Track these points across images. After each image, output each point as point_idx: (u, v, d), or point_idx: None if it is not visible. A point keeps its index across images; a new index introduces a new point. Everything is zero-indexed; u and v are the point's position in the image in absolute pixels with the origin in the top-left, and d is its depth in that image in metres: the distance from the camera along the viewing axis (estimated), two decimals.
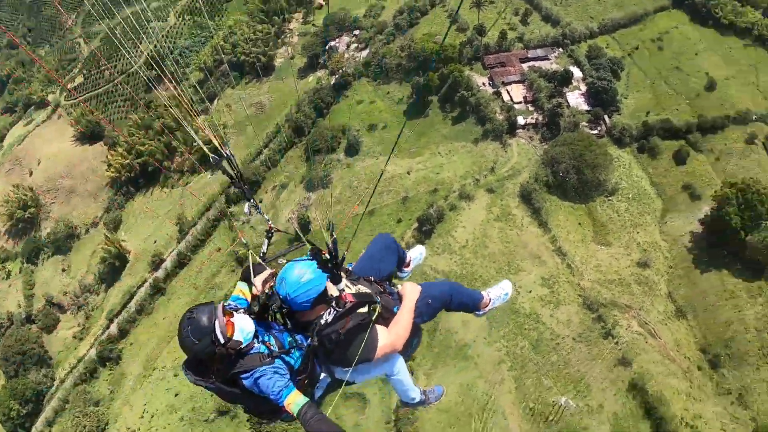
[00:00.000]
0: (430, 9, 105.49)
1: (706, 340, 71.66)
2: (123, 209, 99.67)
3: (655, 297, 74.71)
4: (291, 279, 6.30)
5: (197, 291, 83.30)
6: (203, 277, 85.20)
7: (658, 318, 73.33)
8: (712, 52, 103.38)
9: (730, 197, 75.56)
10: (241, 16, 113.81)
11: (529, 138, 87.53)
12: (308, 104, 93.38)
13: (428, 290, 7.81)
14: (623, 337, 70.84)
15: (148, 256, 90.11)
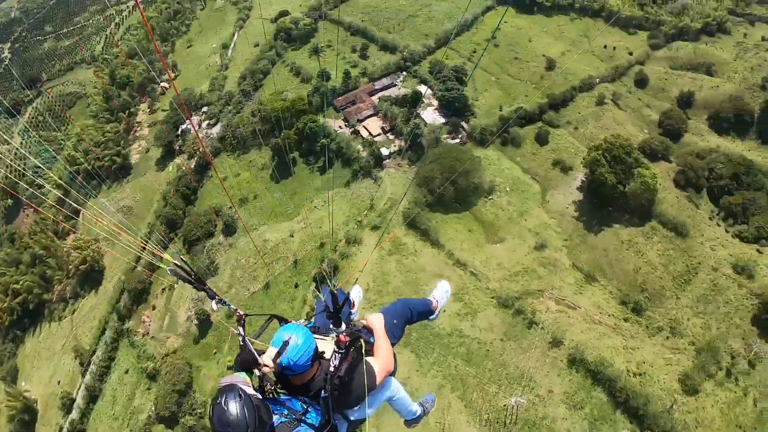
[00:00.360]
0: (271, 67, 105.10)
1: (622, 293, 72.87)
2: (15, 357, 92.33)
3: (562, 272, 75.16)
4: (293, 346, 6.42)
5: (118, 421, 76.63)
6: (120, 404, 78.89)
7: (572, 290, 73.46)
8: (544, 35, 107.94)
9: (599, 159, 77.56)
10: (87, 121, 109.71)
11: (397, 166, 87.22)
12: (174, 195, 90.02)
13: (389, 313, 8.62)
14: (546, 320, 70.43)
15: (56, 400, 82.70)
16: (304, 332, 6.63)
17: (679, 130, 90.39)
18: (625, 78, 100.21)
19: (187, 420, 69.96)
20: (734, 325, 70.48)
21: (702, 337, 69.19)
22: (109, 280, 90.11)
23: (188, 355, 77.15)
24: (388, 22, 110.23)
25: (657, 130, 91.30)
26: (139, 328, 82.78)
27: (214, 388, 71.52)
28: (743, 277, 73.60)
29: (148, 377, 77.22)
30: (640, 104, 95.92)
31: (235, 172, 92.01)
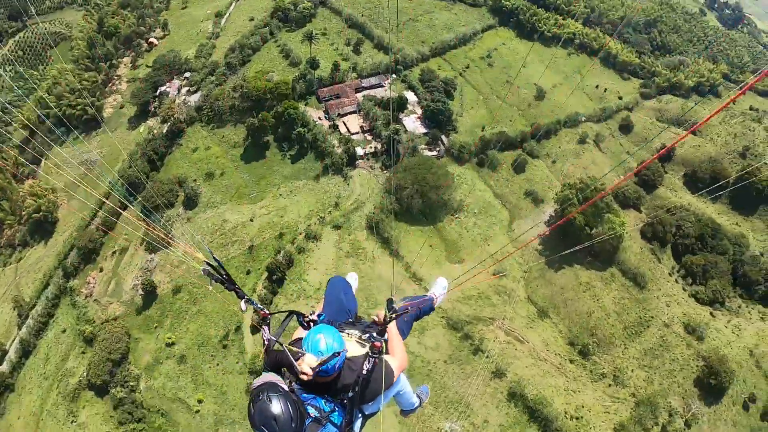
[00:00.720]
0: (262, 45, 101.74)
1: (572, 333, 72.48)
2: None
3: (516, 303, 74.12)
4: (328, 347, 6.27)
5: (48, 381, 72.70)
6: (52, 364, 74.92)
7: (523, 323, 72.71)
8: (540, 63, 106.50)
9: (571, 198, 76.57)
10: (66, 65, 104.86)
11: (369, 168, 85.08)
12: (141, 157, 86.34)
13: None
14: (493, 350, 69.29)
15: None
16: (337, 336, 6.52)
17: (655, 182, 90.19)
18: (610, 121, 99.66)
19: (118, 391, 67.42)
20: (677, 383, 70.43)
21: (644, 390, 69.17)
22: (60, 233, 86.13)
23: (129, 324, 74.01)
24: (387, 21, 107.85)
25: (633, 179, 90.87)
26: (83, 288, 79.12)
27: (150, 363, 69.97)
28: (693, 338, 73.56)
29: (84, 341, 73.64)
30: (620, 149, 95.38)
31: (206, 144, 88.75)
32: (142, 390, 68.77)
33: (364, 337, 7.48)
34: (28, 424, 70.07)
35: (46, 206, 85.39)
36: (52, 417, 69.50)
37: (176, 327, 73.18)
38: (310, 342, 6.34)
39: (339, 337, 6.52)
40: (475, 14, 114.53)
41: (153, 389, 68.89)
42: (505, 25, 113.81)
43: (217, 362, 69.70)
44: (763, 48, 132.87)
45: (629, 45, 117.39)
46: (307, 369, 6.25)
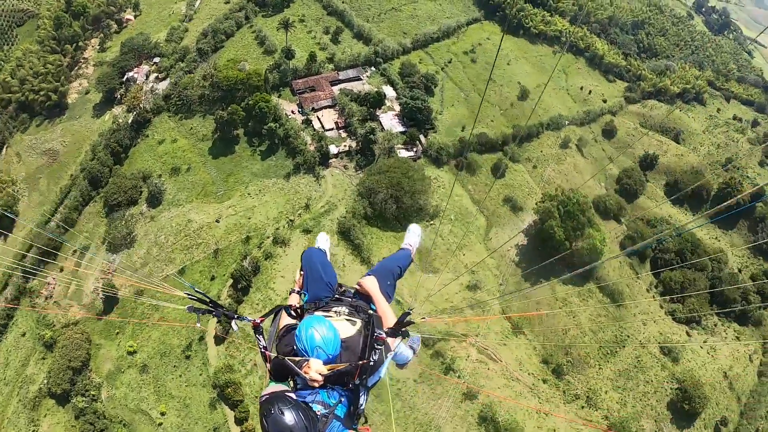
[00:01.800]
0: (236, 30, 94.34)
1: (546, 351, 68.27)
2: None
3: (490, 318, 69.54)
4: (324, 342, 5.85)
5: (8, 387, 67.58)
6: (12, 369, 69.29)
7: (497, 339, 68.09)
8: (524, 61, 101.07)
9: (552, 210, 71.75)
10: (32, 45, 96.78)
11: (343, 167, 79.16)
12: (104, 149, 79.55)
13: (381, 275, 8.13)
14: (464, 369, 64.78)
15: None
16: (328, 323, 6.01)
17: (636, 191, 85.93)
18: (594, 125, 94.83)
19: (79, 401, 62.71)
20: (650, 406, 66.75)
21: (617, 412, 65.43)
22: (20, 229, 79.63)
23: (89, 329, 68.41)
24: (369, 9, 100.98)
25: (614, 186, 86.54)
26: (43, 289, 73.33)
27: (112, 371, 65.15)
28: (668, 359, 69.92)
29: (44, 345, 68.20)
30: (603, 155, 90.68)
31: (173, 136, 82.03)
32: (104, 400, 64.02)
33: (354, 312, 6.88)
34: None
35: (5, 200, 78.53)
36: (12, 425, 64.61)
37: (138, 334, 67.82)
38: (305, 339, 5.84)
39: (328, 323, 6.03)
40: (460, 6, 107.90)
41: (115, 399, 64.08)
42: (490, 18, 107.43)
43: (180, 373, 64.64)
44: (748, 56, 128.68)
45: (616, 46, 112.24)
46: (316, 376, 5.69)
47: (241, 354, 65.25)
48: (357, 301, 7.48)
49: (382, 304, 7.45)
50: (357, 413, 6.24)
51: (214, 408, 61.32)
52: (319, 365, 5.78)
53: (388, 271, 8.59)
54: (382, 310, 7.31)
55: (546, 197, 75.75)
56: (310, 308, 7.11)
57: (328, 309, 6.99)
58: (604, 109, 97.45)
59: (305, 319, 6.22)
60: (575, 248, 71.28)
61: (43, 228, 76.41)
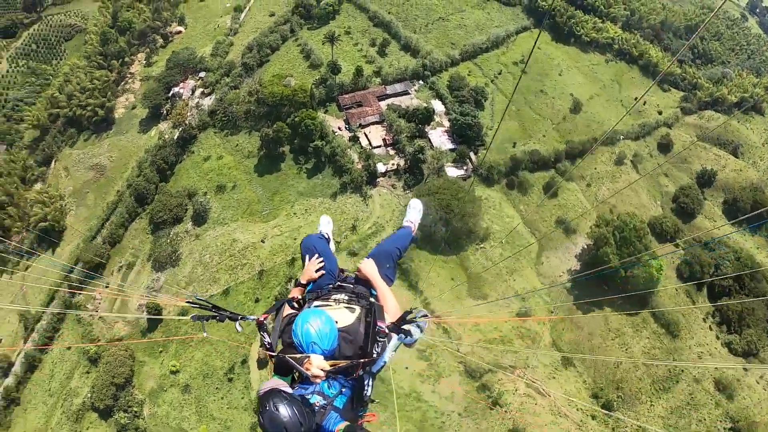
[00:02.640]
0: (282, 44, 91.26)
1: (597, 385, 63.65)
2: None
3: (540, 349, 65.35)
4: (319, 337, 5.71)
5: (53, 398, 66.91)
6: (57, 381, 68.62)
7: (546, 372, 63.89)
8: (576, 71, 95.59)
9: (607, 236, 66.91)
10: (79, 61, 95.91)
11: (391, 187, 75.60)
12: (150, 166, 77.79)
13: (380, 259, 7.84)
14: (511, 404, 60.88)
15: None
16: (324, 315, 5.85)
17: (693, 210, 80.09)
18: (649, 138, 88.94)
19: (121, 417, 62.03)
20: None
21: None
22: (67, 242, 78.75)
23: (134, 346, 67.25)
24: (416, 20, 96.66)
25: (670, 204, 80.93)
26: (88, 304, 72.35)
27: (154, 389, 64.08)
28: (723, 397, 64.48)
29: (89, 360, 67.38)
30: (658, 171, 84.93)
31: (218, 153, 79.67)
32: (146, 417, 63.04)
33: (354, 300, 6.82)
34: None
35: (53, 215, 77.79)
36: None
37: (181, 354, 66.28)
38: (300, 335, 5.73)
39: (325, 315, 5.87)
40: (509, 14, 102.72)
41: (157, 417, 62.92)
42: (541, 26, 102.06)
43: (222, 395, 63.00)
44: None
45: (670, 53, 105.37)
46: (318, 372, 5.53)
47: None
48: (358, 287, 7.30)
49: (382, 289, 7.26)
50: (363, 401, 6.03)
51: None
52: (321, 361, 5.61)
53: (388, 253, 8.28)
54: (383, 295, 7.17)
55: (601, 221, 70.73)
56: (311, 298, 6.91)
57: (328, 298, 6.84)
58: (659, 122, 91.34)
59: (302, 313, 5.99)
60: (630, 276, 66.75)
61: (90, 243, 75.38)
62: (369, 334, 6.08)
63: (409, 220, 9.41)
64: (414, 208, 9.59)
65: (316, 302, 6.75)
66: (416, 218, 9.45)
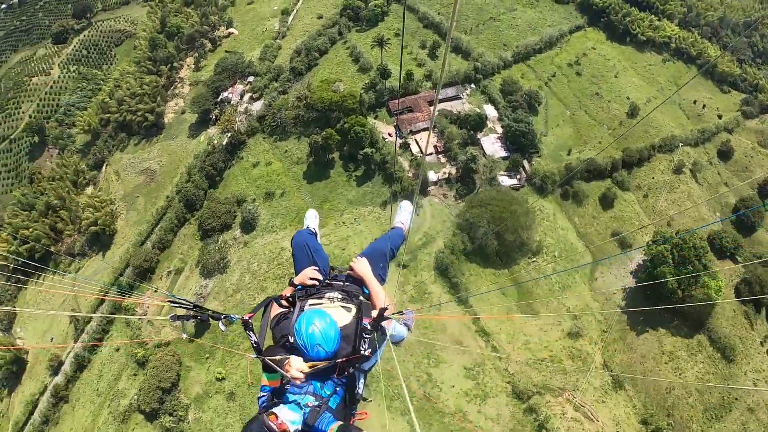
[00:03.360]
0: (330, 47, 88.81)
1: (647, 410, 60.15)
2: (15, 300, 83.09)
3: (591, 371, 62.24)
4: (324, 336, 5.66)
5: (101, 398, 67.64)
6: (105, 381, 69.40)
7: (595, 395, 60.78)
8: (632, 72, 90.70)
9: (665, 255, 63.01)
10: (129, 66, 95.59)
11: (442, 196, 72.90)
12: (199, 172, 76.87)
13: (373, 257, 7.75)
14: (558, 429, 58.09)
15: (46, 357, 73.66)
16: (325, 315, 5.83)
17: (754, 224, 75.28)
18: (708, 145, 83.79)
19: (166, 420, 62.14)
20: None
21: None
22: (118, 246, 79.06)
23: (180, 351, 66.97)
24: (466, 20, 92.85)
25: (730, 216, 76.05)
26: (137, 307, 72.29)
27: (200, 395, 63.97)
28: None
29: (137, 363, 67.83)
30: (718, 180, 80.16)
31: (267, 159, 78.14)
32: (191, 421, 62.58)
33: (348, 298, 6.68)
34: None
35: (103, 220, 77.93)
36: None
37: (228, 361, 65.62)
38: (305, 336, 5.64)
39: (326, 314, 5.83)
40: (562, 12, 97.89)
41: (201, 422, 62.41)
42: (594, 25, 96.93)
43: None
44: None
45: (729, 51, 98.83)
46: (297, 374, 5.56)
47: None
48: (349, 285, 7.15)
49: (374, 288, 7.12)
50: (355, 398, 5.93)
51: None
52: (300, 363, 5.55)
53: (381, 252, 8.22)
54: (375, 293, 7.03)
55: (659, 236, 66.79)
56: (301, 296, 6.73)
57: (321, 296, 6.69)
58: (719, 126, 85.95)
59: (306, 313, 5.87)
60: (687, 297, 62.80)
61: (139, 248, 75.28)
62: (356, 335, 5.95)
63: (399, 221, 9.49)
64: (405, 210, 9.67)
65: (309, 300, 6.58)
66: (406, 219, 9.48)
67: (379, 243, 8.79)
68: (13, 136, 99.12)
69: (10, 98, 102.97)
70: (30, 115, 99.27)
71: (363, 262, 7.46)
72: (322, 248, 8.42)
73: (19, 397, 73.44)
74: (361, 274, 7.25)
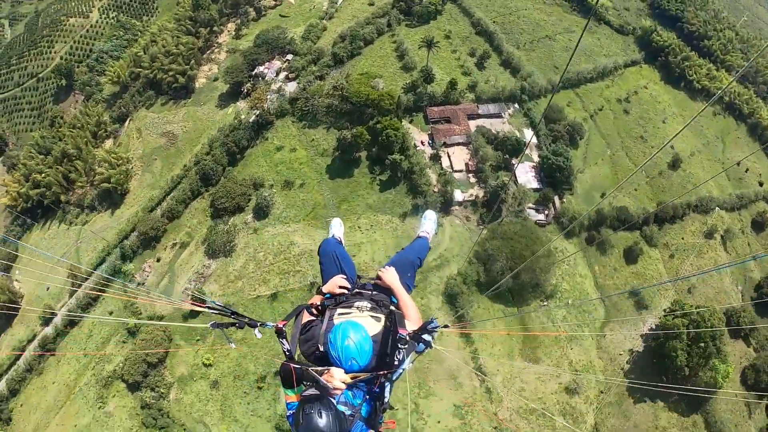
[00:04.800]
0: (377, 37, 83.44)
1: None
2: (19, 241, 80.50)
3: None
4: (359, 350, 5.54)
5: (87, 359, 65.54)
6: (93, 342, 67.14)
7: None
8: (681, 120, 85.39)
9: (680, 329, 58.87)
10: (168, 22, 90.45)
11: (465, 218, 68.70)
12: (221, 147, 72.66)
13: (401, 268, 7.68)
14: None
15: (40, 305, 71.60)
16: (359, 329, 5.67)
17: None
18: (744, 212, 79.24)
19: (147, 394, 60.64)
20: None
21: None
22: (128, 206, 76.34)
23: (172, 328, 64.43)
24: (521, 34, 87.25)
25: (752, 293, 71.89)
26: (137, 274, 69.78)
27: (184, 376, 61.82)
28: None
29: (127, 330, 65.88)
30: (747, 252, 75.73)
31: (292, 145, 73.75)
32: (171, 400, 60.83)
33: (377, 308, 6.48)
34: (61, 392, 64.17)
35: (117, 178, 74.49)
36: (83, 396, 62.89)
37: (217, 348, 62.50)
38: (339, 349, 5.51)
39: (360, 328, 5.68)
40: (620, 43, 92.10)
41: (181, 403, 60.60)
42: (651, 63, 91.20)
43: (249, 401, 60.02)
44: None
45: None
46: (339, 385, 5.39)
47: None
48: (377, 294, 7.02)
49: (403, 297, 7.03)
50: (383, 407, 5.80)
51: None
52: (342, 374, 5.45)
53: (409, 262, 8.22)
54: (404, 303, 6.93)
55: (677, 305, 62.39)
56: (330, 305, 6.62)
57: (350, 305, 6.56)
58: (759, 194, 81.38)
59: (341, 326, 5.71)
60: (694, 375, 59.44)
61: (149, 214, 72.10)
62: (390, 342, 5.77)
63: (425, 230, 9.25)
64: (429, 219, 9.38)
65: (338, 309, 6.40)
66: (432, 229, 9.28)
67: (406, 252, 8.68)
68: (41, 75, 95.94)
69: (45, 36, 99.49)
70: (61, 57, 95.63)
71: (391, 271, 7.31)
72: (349, 257, 8.19)
73: (7, 340, 72.02)
74: (390, 283, 7.11)
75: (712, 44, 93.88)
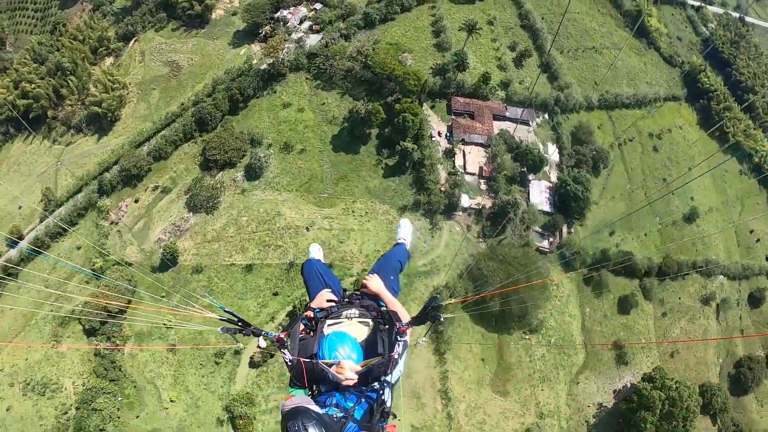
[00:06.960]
0: (415, 5, 76.92)
1: None
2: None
3: None
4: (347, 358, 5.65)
5: (47, 290, 61.46)
6: (56, 276, 63.18)
7: None
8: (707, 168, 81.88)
9: (655, 401, 56.60)
10: None
11: (466, 226, 64.67)
12: (223, 92, 66.57)
13: (384, 273, 7.77)
14: None
15: (8, 224, 66.75)
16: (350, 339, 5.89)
17: (748, 387, 69.86)
18: (744, 283, 77.00)
19: (102, 343, 58.16)
20: None
21: None
22: (116, 135, 71.13)
23: (138, 279, 60.74)
24: (567, 39, 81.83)
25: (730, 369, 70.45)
26: (112, 211, 65.08)
27: (143, 332, 59.42)
28: None
29: (92, 270, 61.83)
30: (737, 325, 73.91)
31: (301, 105, 68.05)
32: (125, 354, 58.79)
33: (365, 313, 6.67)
34: (16, 321, 61.84)
35: (109, 103, 68.25)
36: (38, 330, 60.62)
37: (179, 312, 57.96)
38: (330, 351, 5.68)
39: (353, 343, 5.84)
40: (665, 73, 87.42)
41: (135, 359, 58.71)
42: (691, 102, 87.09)
43: (204, 374, 57.48)
44: None
45: None
46: (351, 375, 5.56)
47: (269, 388, 55.48)
48: (365, 301, 7.11)
49: (391, 300, 7.13)
50: (384, 412, 5.68)
51: (221, 425, 54.64)
52: (352, 364, 5.57)
53: (391, 267, 8.26)
54: (392, 305, 6.97)
55: (657, 374, 59.90)
56: (322, 316, 6.66)
57: (339, 315, 6.69)
58: (763, 269, 79.02)
59: (327, 338, 5.84)
60: None
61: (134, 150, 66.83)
62: (387, 337, 5.99)
63: (402, 237, 9.40)
64: (404, 227, 9.56)
65: (328, 320, 6.51)
66: (408, 235, 9.39)
67: (387, 258, 8.64)
68: None
69: None
70: None
71: (375, 278, 7.36)
72: (331, 272, 8.26)
73: None
74: (376, 290, 7.17)
75: (756, 99, 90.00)
